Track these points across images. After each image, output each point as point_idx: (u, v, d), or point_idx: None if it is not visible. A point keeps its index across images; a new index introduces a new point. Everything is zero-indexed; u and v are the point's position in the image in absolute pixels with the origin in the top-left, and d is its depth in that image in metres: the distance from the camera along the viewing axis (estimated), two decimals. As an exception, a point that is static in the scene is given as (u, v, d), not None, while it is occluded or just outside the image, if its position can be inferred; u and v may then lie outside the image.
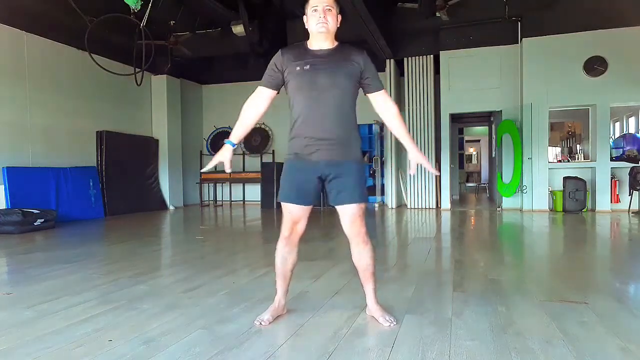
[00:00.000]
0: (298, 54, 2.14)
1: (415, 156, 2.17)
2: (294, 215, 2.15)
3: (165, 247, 5.17)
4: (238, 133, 2.22)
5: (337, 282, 2.95)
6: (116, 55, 8.36)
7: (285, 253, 2.20)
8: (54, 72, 7.67)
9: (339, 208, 2.15)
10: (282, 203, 2.18)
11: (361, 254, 2.17)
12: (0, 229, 5.73)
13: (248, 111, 2.21)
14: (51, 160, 7.49)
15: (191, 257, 4.18)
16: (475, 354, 1.78)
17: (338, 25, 2.16)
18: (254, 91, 2.25)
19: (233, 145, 2.19)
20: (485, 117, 11.46)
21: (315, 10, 2.10)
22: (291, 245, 2.20)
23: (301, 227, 2.19)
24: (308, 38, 2.18)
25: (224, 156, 2.18)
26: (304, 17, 2.17)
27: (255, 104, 2.21)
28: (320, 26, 2.09)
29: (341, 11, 2.19)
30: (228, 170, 2.18)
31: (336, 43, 2.18)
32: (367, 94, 2.21)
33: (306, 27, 2.16)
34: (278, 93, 2.23)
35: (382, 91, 2.21)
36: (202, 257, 4.22)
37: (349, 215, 2.12)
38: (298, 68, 2.10)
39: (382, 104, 2.20)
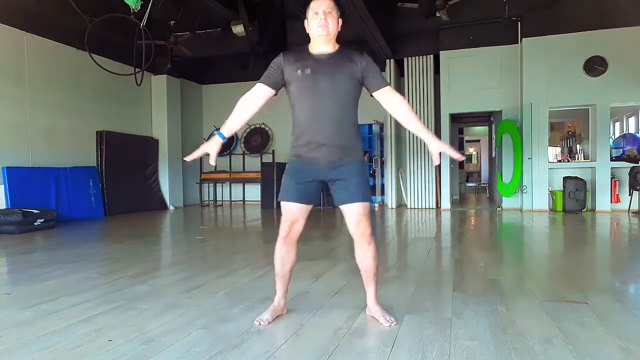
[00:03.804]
0: (299, 58, 2.14)
1: (435, 146, 2.08)
2: (293, 214, 2.15)
3: (165, 247, 5.17)
4: (231, 126, 2.16)
5: (337, 282, 2.95)
6: (116, 55, 8.36)
7: (283, 253, 2.19)
8: (54, 72, 7.67)
9: (343, 208, 2.15)
10: (281, 202, 2.18)
11: (365, 254, 2.17)
12: (0, 229, 5.74)
13: (243, 105, 2.17)
14: (51, 160, 7.49)
15: (191, 257, 4.18)
16: (475, 354, 1.78)
17: (339, 29, 2.15)
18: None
19: (223, 138, 2.13)
20: (485, 117, 11.46)
21: (316, 13, 2.10)
22: (289, 245, 2.18)
23: (299, 227, 2.17)
24: (308, 40, 2.18)
25: (211, 148, 2.11)
26: (305, 20, 2.17)
27: (251, 100, 2.17)
28: (321, 29, 2.09)
29: (342, 14, 2.17)
30: (213, 163, 2.14)
31: (337, 46, 2.17)
32: (372, 94, 2.18)
33: (307, 31, 2.15)
34: (276, 94, 2.20)
35: (387, 87, 2.16)
36: (202, 257, 4.22)
37: (353, 214, 2.12)
38: (299, 72, 2.10)
39: (389, 101, 2.16)
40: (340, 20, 2.15)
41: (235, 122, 2.16)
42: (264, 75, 2.18)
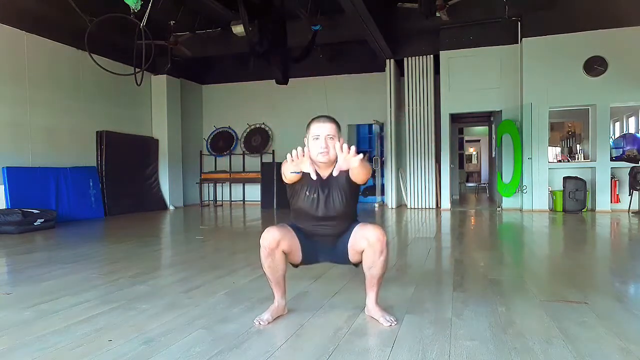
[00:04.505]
0: (308, 176, 2.09)
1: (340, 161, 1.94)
2: (283, 231, 2.13)
3: (165, 247, 5.17)
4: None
5: (337, 283, 2.95)
6: (116, 55, 8.36)
7: (270, 263, 2.14)
8: (54, 72, 7.67)
9: (350, 241, 2.17)
10: (288, 224, 2.21)
11: (375, 263, 2.11)
12: (0, 229, 5.73)
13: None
14: (51, 160, 7.49)
15: (191, 257, 4.18)
16: (475, 354, 1.78)
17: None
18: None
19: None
20: (485, 117, 11.47)
21: (317, 138, 2.08)
22: (273, 255, 2.12)
23: (281, 242, 2.11)
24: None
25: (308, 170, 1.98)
26: (305, 139, 2.16)
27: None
28: (322, 157, 2.08)
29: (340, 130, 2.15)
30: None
31: (334, 164, 2.12)
32: (351, 178, 2.12)
33: (306, 149, 2.10)
34: (296, 180, 2.13)
35: None
36: (202, 257, 4.22)
37: (360, 229, 2.13)
38: (308, 192, 2.14)
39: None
40: (342, 139, 2.12)
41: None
42: None
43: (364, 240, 2.10)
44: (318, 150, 2.09)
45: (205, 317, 2.27)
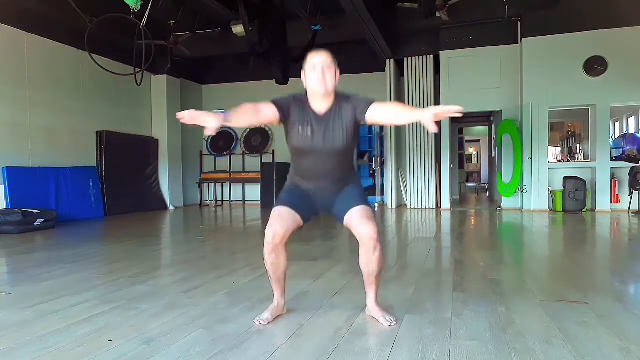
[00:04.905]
0: (301, 112, 2.10)
1: (427, 116, 1.83)
2: (283, 220, 2.11)
3: (165, 247, 5.17)
4: (234, 117, 1.89)
5: (337, 282, 2.95)
6: (116, 55, 8.36)
7: (273, 259, 2.14)
8: (54, 72, 7.67)
9: (346, 218, 2.15)
10: (275, 207, 2.17)
11: (370, 260, 2.12)
12: (0, 229, 5.73)
13: (249, 109, 1.99)
14: (51, 160, 7.49)
15: (191, 257, 4.18)
16: (475, 354, 1.78)
17: (337, 82, 2.10)
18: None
19: (225, 115, 1.83)
20: (485, 117, 11.46)
21: (314, 68, 2.05)
22: (277, 251, 2.12)
23: (285, 235, 2.10)
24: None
25: (213, 122, 1.77)
26: (302, 72, 2.12)
27: (258, 109, 2.04)
28: (320, 86, 2.05)
29: (339, 66, 2.12)
30: (209, 134, 1.83)
31: (333, 98, 2.12)
32: (366, 120, 2.07)
33: (304, 84, 2.11)
34: (278, 124, 2.11)
35: (373, 104, 2.06)
36: (202, 257, 4.22)
37: (356, 217, 2.11)
38: (300, 129, 2.10)
39: (381, 112, 2.07)
40: (338, 72, 2.10)
41: (238, 117, 1.93)
42: (275, 101, 2.09)
43: (357, 235, 2.12)
44: (315, 80, 2.04)
45: (205, 317, 2.27)
